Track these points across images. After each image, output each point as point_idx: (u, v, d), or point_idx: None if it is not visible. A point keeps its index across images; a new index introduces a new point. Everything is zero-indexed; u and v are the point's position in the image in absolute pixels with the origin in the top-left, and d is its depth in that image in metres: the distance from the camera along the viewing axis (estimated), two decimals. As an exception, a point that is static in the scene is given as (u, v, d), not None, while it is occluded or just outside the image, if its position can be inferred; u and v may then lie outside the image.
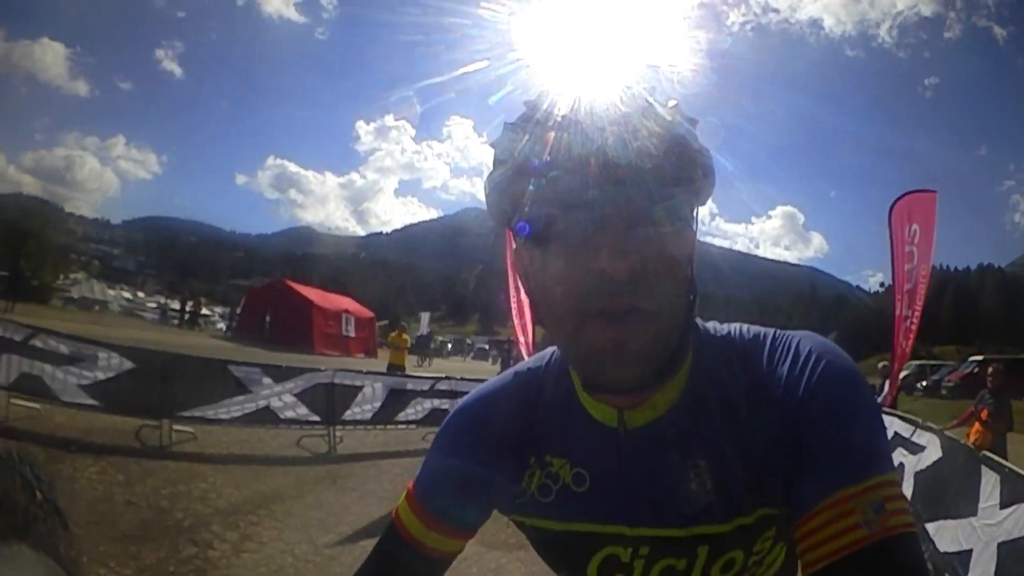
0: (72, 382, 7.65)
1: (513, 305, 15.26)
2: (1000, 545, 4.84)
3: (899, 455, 7.80)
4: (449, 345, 77.96)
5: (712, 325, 1.02)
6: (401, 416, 10.68)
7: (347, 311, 37.39)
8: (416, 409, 10.90)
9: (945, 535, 5.77)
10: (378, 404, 10.27)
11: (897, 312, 11.23)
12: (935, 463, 7.01)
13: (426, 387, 11.32)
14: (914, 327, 11.11)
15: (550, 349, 1.07)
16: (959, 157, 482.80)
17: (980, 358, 32.79)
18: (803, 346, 0.91)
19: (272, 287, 40.52)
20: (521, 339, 16.08)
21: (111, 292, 48.15)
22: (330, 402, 9.52)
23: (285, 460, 8.51)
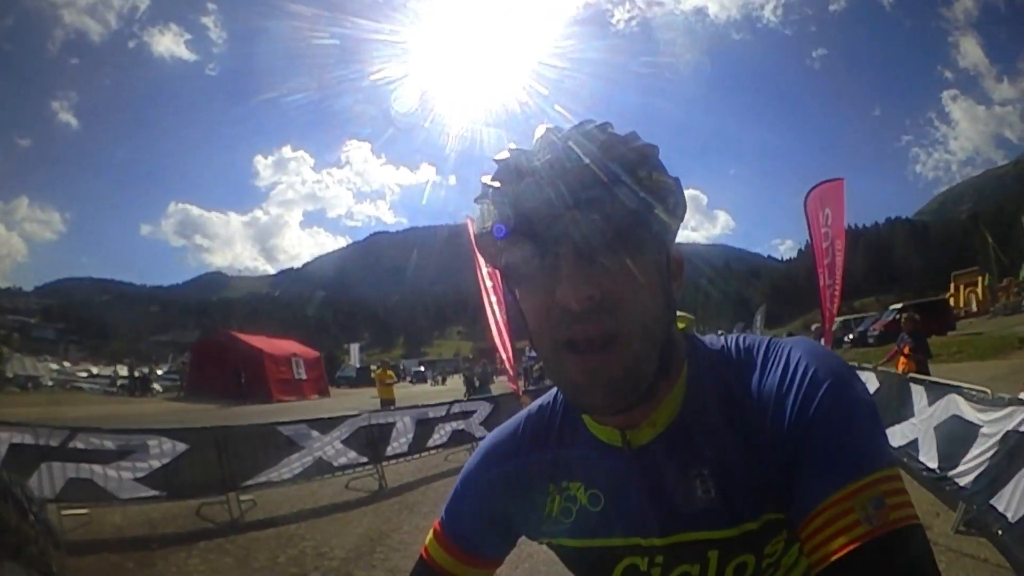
0: (127, 476, 7.28)
1: (492, 324, 15.41)
2: (935, 428, 7.04)
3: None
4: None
5: (709, 339, 1.06)
6: (430, 443, 11.11)
7: (295, 354, 36.81)
8: (440, 434, 11.39)
9: (895, 435, 7.82)
10: (411, 436, 10.62)
11: (821, 283, 13.02)
12: (876, 391, 9.04)
13: (443, 413, 11.86)
14: (838, 291, 13.01)
15: None
16: (856, 120, 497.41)
17: (900, 306, 35.99)
18: (794, 353, 0.94)
19: (216, 340, 39.22)
20: (503, 355, 16.30)
21: (40, 366, 44.20)
22: (372, 442, 9.66)
23: (348, 505, 8.63)
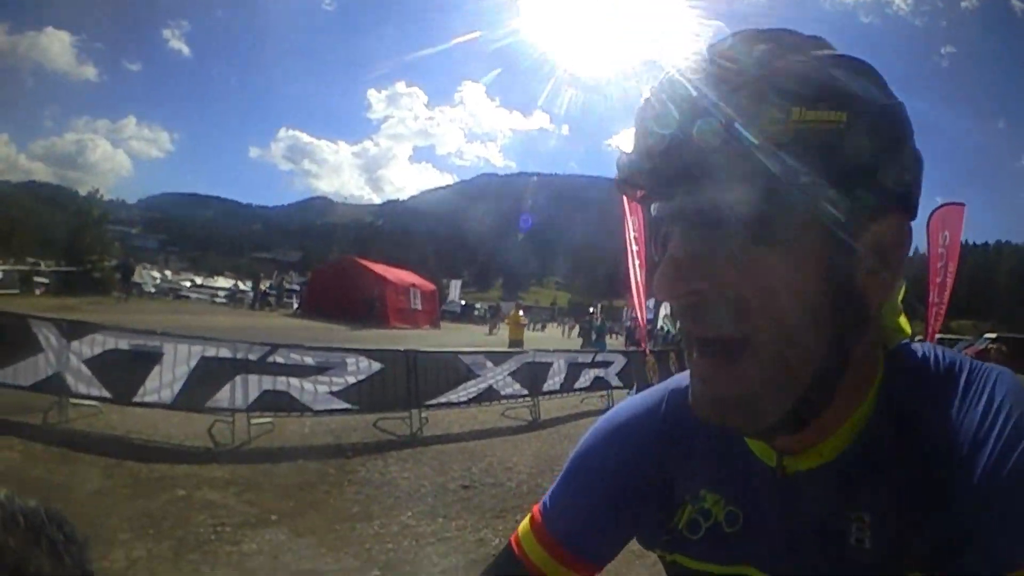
0: (323, 390, 7.88)
1: (632, 283, 15.64)
2: None
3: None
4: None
5: (914, 347, 0.82)
6: (576, 384, 11.59)
7: (414, 284, 37.78)
8: (584, 378, 11.84)
9: None
10: (563, 376, 11.10)
11: (929, 300, 13.70)
12: None
13: (589, 359, 12.54)
14: (943, 311, 13.76)
15: None
16: (977, 129, 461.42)
17: (994, 336, 34.34)
18: (998, 389, 0.73)
19: (341, 265, 40.30)
20: (637, 315, 16.55)
21: (143, 273, 44.41)
22: (532, 378, 10.20)
23: (509, 430, 9.33)
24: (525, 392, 10.09)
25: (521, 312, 20.89)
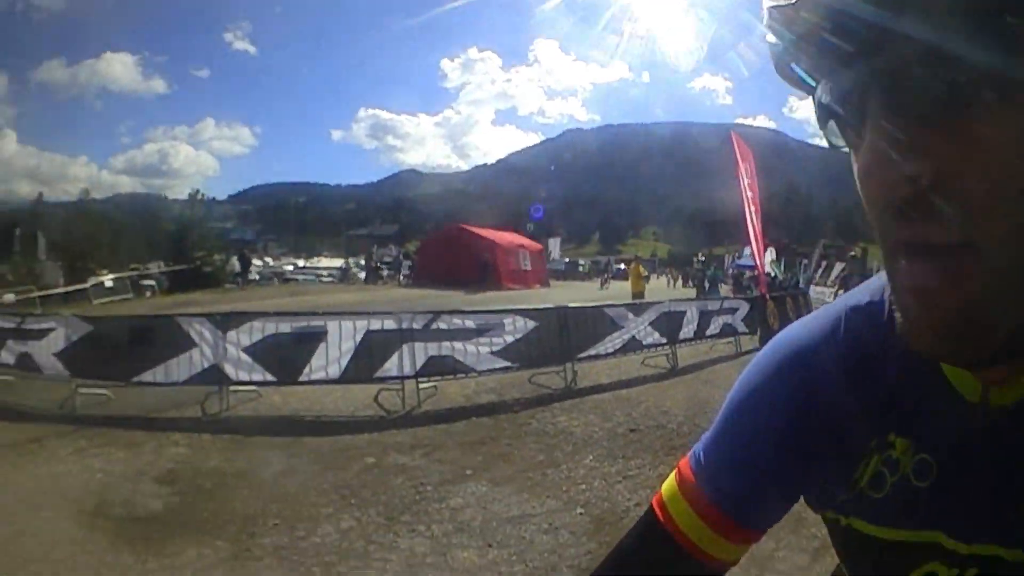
0: (484, 351, 8.34)
1: (749, 230, 15.76)
2: None
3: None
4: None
5: None
6: (708, 332, 11.91)
7: (522, 246, 38.62)
8: (714, 325, 12.11)
9: None
10: (696, 324, 11.42)
11: None
12: None
13: (718, 307, 12.84)
14: None
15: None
16: None
17: None
18: None
19: (449, 233, 41.42)
20: (757, 262, 16.72)
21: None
22: (670, 326, 10.61)
23: (652, 378, 9.74)
24: (664, 340, 10.47)
25: (642, 266, 21.78)
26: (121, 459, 6.07)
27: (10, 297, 21.93)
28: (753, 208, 15.28)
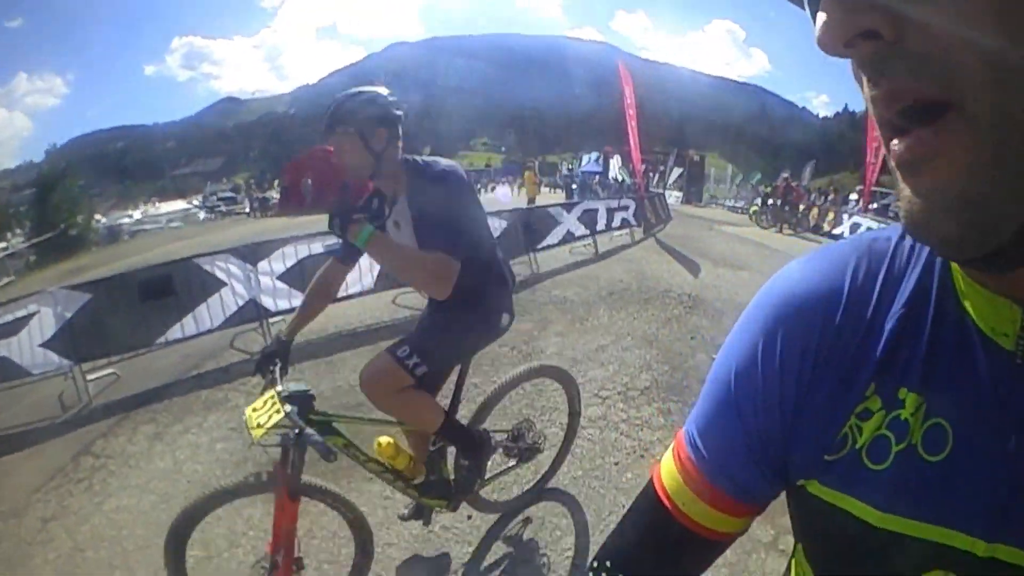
0: None
1: (630, 137, 18.31)
2: None
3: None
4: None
5: None
6: (612, 224, 14.32)
7: (378, 166, 38.71)
8: (616, 219, 14.50)
9: None
10: (605, 219, 13.82)
11: (867, 159, 18.55)
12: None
13: (615, 205, 15.12)
14: (878, 166, 18.23)
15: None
16: None
17: None
18: None
19: (311, 156, 39.79)
20: (636, 167, 19.41)
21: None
22: (589, 220, 12.79)
23: (588, 261, 11.60)
24: (588, 232, 12.53)
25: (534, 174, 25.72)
26: (217, 424, 5.08)
27: None
28: (633, 124, 17.59)
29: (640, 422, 4.81)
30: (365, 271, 7.86)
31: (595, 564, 0.75)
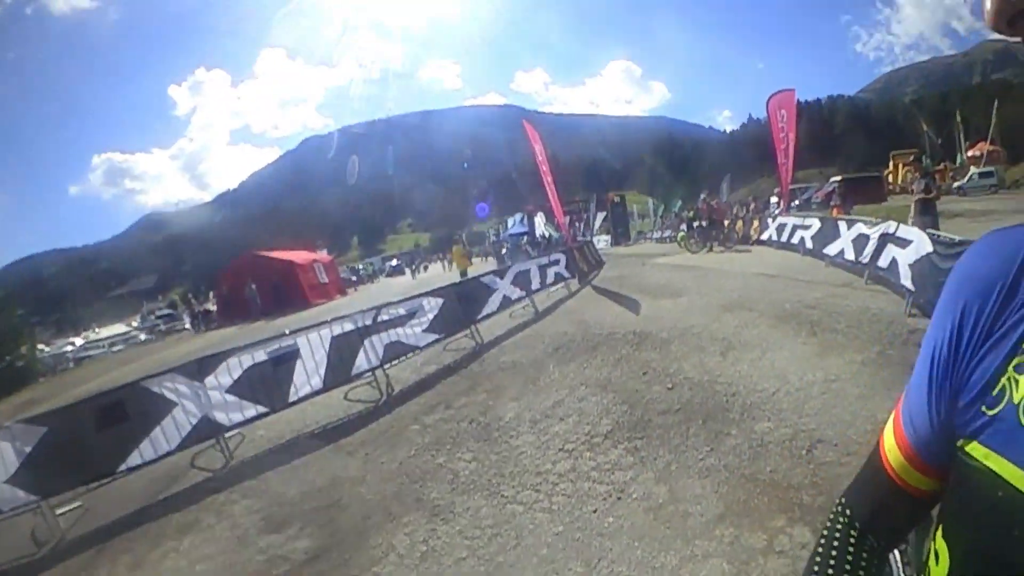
0: (418, 330, 9.48)
1: (551, 195, 18.82)
2: (851, 241, 11.82)
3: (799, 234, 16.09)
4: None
5: None
6: (547, 281, 14.73)
7: (315, 260, 38.44)
8: (550, 276, 14.91)
9: (832, 249, 12.95)
10: (539, 277, 14.21)
11: (779, 161, 19.00)
12: (819, 229, 14.48)
13: (547, 262, 15.69)
14: (791, 167, 18.85)
15: None
16: None
17: (839, 178, 42.23)
18: None
19: (245, 262, 37.24)
20: (560, 221, 19.90)
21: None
22: (524, 282, 13.07)
23: (530, 322, 11.72)
24: (524, 294, 12.78)
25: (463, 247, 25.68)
26: (194, 545, 5.10)
27: None
28: (549, 179, 18.05)
29: (610, 466, 4.92)
30: (312, 372, 7.91)
31: (843, 499, 0.86)
